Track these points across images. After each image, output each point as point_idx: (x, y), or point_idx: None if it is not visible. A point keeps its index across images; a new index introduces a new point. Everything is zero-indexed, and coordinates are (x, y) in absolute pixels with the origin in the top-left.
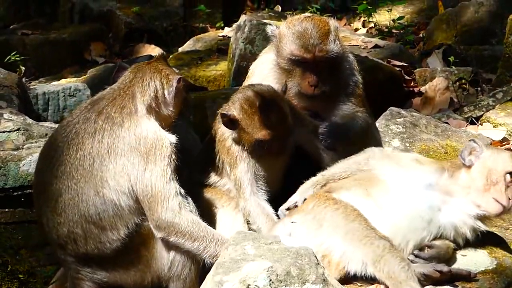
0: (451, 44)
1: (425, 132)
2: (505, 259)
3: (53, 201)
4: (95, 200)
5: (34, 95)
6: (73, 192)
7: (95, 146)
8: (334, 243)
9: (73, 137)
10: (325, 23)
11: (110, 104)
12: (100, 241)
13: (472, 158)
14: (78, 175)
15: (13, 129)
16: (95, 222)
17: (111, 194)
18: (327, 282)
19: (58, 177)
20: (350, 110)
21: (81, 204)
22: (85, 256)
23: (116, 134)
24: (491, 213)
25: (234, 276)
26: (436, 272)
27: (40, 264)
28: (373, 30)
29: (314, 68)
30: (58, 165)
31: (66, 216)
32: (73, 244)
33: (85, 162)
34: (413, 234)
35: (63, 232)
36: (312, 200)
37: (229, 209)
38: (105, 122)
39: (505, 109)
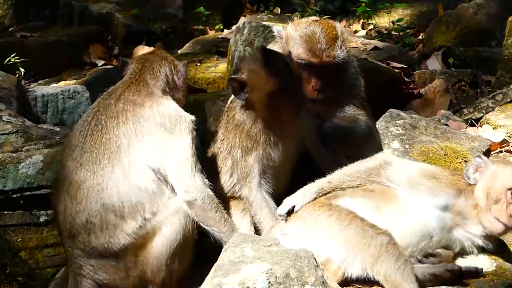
0: (451, 46)
1: (424, 134)
2: (505, 262)
3: (75, 188)
4: (119, 186)
5: (33, 97)
6: (98, 177)
7: (120, 128)
8: (331, 252)
9: (96, 123)
10: (332, 28)
11: (126, 90)
12: (114, 233)
13: (477, 176)
14: (105, 159)
15: (12, 131)
16: (115, 210)
17: (137, 177)
18: (326, 284)
19: (83, 164)
20: (351, 113)
21: (105, 191)
22: (93, 251)
23: (140, 114)
24: (495, 233)
25: (233, 279)
26: (447, 272)
27: (39, 266)
28: (372, 32)
29: (319, 73)
30: (83, 153)
31: (87, 203)
32: (85, 236)
33: (112, 145)
34: (419, 251)
35: (80, 221)
36: (306, 207)
37: (236, 211)
38: (126, 104)
39: (505, 111)
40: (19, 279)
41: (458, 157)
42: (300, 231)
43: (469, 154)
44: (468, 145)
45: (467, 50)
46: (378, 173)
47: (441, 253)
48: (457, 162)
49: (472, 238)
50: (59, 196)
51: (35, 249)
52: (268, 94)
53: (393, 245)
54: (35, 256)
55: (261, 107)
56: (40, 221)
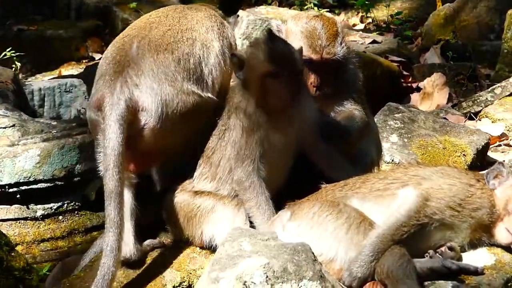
0: (450, 39)
1: (423, 127)
2: (504, 255)
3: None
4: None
5: (30, 91)
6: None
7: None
8: (335, 252)
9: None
10: (333, 24)
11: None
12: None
13: (496, 182)
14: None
15: (8, 125)
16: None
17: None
18: (324, 278)
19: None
20: (348, 107)
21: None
22: None
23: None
24: (501, 242)
25: (231, 273)
26: (444, 268)
27: (36, 261)
28: (371, 25)
29: (318, 69)
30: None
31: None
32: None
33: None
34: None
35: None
36: (313, 206)
37: (230, 207)
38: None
39: (504, 104)
40: (15, 274)
41: (457, 151)
42: (305, 231)
43: (468, 147)
44: (467, 139)
45: (466, 44)
46: (425, 214)
47: (458, 249)
48: (455, 156)
49: (479, 245)
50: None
51: (32, 243)
52: (263, 77)
53: (398, 246)
54: (32, 250)
55: (258, 89)
56: (37, 216)
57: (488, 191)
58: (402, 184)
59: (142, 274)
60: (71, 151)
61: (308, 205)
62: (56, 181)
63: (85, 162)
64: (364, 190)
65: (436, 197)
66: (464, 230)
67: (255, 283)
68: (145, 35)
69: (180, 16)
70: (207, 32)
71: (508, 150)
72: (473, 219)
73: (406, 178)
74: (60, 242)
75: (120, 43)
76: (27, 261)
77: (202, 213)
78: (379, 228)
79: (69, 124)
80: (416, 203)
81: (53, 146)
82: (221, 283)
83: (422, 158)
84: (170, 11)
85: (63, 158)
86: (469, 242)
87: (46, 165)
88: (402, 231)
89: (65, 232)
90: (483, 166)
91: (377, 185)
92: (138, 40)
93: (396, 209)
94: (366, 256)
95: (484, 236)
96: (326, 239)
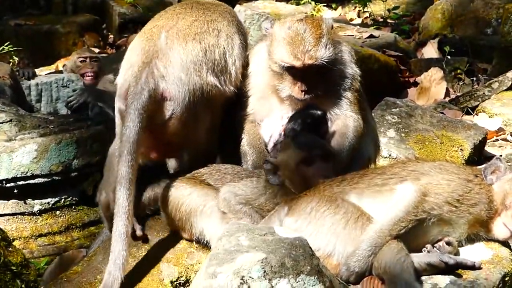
0: (447, 34)
1: (420, 122)
2: (501, 250)
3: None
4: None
5: (27, 86)
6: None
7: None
8: (333, 248)
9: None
10: (318, 26)
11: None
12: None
13: (494, 177)
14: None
15: (5, 120)
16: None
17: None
18: (321, 273)
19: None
20: (343, 112)
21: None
22: None
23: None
24: (498, 237)
25: (228, 268)
26: (441, 263)
27: (34, 255)
28: (368, 20)
29: (303, 75)
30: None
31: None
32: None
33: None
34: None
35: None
36: (311, 201)
37: None
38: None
39: (501, 99)
40: (13, 269)
41: (454, 145)
42: (303, 226)
43: (465, 142)
44: (464, 133)
45: (463, 38)
46: (423, 209)
47: (455, 244)
48: (453, 151)
49: (476, 240)
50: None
51: (30, 238)
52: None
53: (396, 241)
54: (30, 245)
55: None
56: (35, 211)
57: (486, 186)
58: (401, 180)
59: (140, 269)
60: (68, 146)
61: (306, 200)
62: (53, 176)
63: (82, 157)
64: (362, 186)
65: (434, 192)
66: (462, 226)
67: (252, 278)
68: (173, 25)
69: (205, 8)
70: (229, 25)
71: (505, 144)
72: (471, 214)
73: (404, 173)
74: (57, 237)
75: (148, 33)
76: (24, 256)
77: (191, 207)
78: (377, 223)
79: (66, 119)
80: (414, 199)
81: (50, 141)
82: (219, 278)
83: (419, 152)
84: (194, 3)
85: (60, 153)
86: (466, 237)
87: (43, 160)
88: (400, 227)
89: (63, 227)
90: (480, 161)
91: (375, 180)
92: (166, 30)
93: (394, 204)
94: (363, 251)
95: (482, 231)
96: (323, 234)
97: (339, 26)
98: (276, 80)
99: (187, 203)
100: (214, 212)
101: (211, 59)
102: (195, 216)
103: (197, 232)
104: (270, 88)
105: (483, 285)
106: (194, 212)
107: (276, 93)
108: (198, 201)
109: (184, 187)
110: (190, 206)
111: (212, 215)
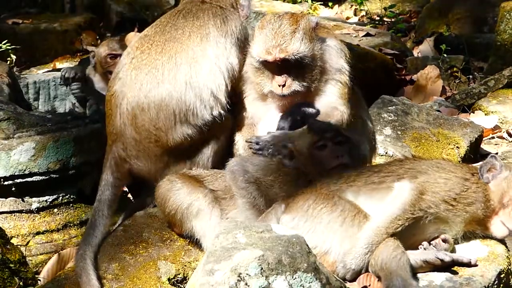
0: (443, 32)
1: (417, 120)
2: (497, 247)
3: (143, 73)
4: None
5: (24, 84)
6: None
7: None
8: (330, 245)
9: (168, 21)
10: (294, 21)
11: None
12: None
13: (490, 176)
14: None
15: (3, 118)
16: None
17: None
18: (318, 270)
19: (150, 53)
20: (330, 100)
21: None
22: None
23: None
24: (496, 235)
25: (225, 265)
26: (438, 260)
27: (32, 253)
28: (364, 18)
29: (280, 69)
30: (152, 44)
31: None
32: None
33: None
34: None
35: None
36: (308, 199)
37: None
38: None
39: (497, 97)
40: (11, 266)
41: (450, 143)
42: (300, 224)
43: (461, 140)
44: (460, 131)
45: (460, 36)
46: (420, 207)
47: (451, 242)
48: (449, 148)
49: (472, 237)
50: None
51: (27, 236)
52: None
53: (393, 239)
54: (28, 243)
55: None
56: (32, 208)
57: (483, 185)
58: (398, 177)
59: (137, 266)
60: (66, 144)
61: (303, 198)
62: (51, 174)
63: (80, 155)
64: (359, 183)
65: (431, 191)
66: (459, 224)
67: (250, 275)
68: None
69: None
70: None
71: (501, 142)
72: (468, 213)
73: (401, 172)
74: (55, 234)
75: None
76: (22, 254)
77: (178, 204)
78: (373, 221)
79: (64, 117)
80: (411, 197)
81: (48, 139)
82: (216, 275)
83: (415, 150)
84: (181, 15)
85: (58, 151)
86: (463, 235)
87: (41, 158)
88: (397, 224)
89: (60, 224)
90: (476, 159)
91: (372, 178)
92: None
93: (391, 202)
94: (360, 249)
95: (479, 229)
96: (320, 231)
97: (336, 25)
98: (258, 77)
99: (174, 199)
100: (201, 211)
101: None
102: (181, 212)
103: (187, 230)
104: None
105: (478, 282)
106: (180, 208)
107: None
108: (186, 198)
109: (176, 182)
110: (176, 202)
111: (199, 214)
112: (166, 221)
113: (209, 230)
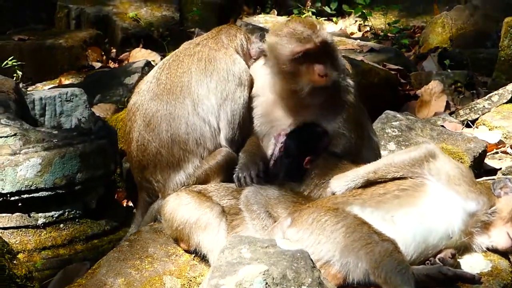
0: (447, 47)
1: (420, 135)
2: (500, 262)
3: (149, 116)
4: (188, 117)
5: (31, 100)
6: (170, 107)
7: (194, 63)
8: (333, 257)
9: (174, 59)
10: (308, 18)
11: (204, 41)
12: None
13: (502, 192)
14: (177, 91)
15: (10, 134)
16: (180, 141)
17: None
18: (323, 285)
19: (158, 95)
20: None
21: (174, 121)
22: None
23: (213, 55)
24: (498, 246)
25: (230, 280)
26: (441, 274)
27: (38, 268)
28: (368, 33)
29: (318, 58)
30: (158, 84)
31: (158, 132)
32: (152, 168)
33: (184, 78)
34: (435, 250)
35: (151, 151)
36: (313, 212)
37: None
38: (204, 46)
39: (501, 112)
40: (17, 281)
41: (454, 158)
42: (304, 237)
43: (465, 155)
44: (464, 146)
45: (463, 52)
46: (421, 164)
47: (456, 254)
48: None
49: (475, 248)
50: (133, 124)
51: (34, 251)
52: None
53: (397, 252)
54: (34, 258)
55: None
56: (39, 224)
57: (489, 190)
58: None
59: (143, 281)
60: (72, 159)
61: (308, 212)
62: (57, 189)
63: (86, 170)
64: (365, 196)
65: (442, 161)
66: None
67: None
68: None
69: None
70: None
71: (505, 157)
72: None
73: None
74: (61, 250)
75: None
76: (28, 269)
77: (187, 218)
78: None
79: (70, 133)
80: (423, 154)
81: (54, 155)
82: None
83: None
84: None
85: (64, 167)
86: (465, 246)
87: (47, 174)
88: (398, 169)
89: (66, 240)
90: (480, 174)
91: (377, 191)
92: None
93: (403, 151)
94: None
95: (482, 237)
96: (324, 243)
97: (340, 40)
98: (292, 81)
99: (183, 213)
100: (209, 225)
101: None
102: (189, 226)
103: (194, 244)
104: (272, 103)
105: None
106: (189, 223)
107: (279, 108)
108: (194, 212)
109: (184, 197)
110: (185, 216)
111: (207, 228)
112: (173, 236)
113: (217, 244)
